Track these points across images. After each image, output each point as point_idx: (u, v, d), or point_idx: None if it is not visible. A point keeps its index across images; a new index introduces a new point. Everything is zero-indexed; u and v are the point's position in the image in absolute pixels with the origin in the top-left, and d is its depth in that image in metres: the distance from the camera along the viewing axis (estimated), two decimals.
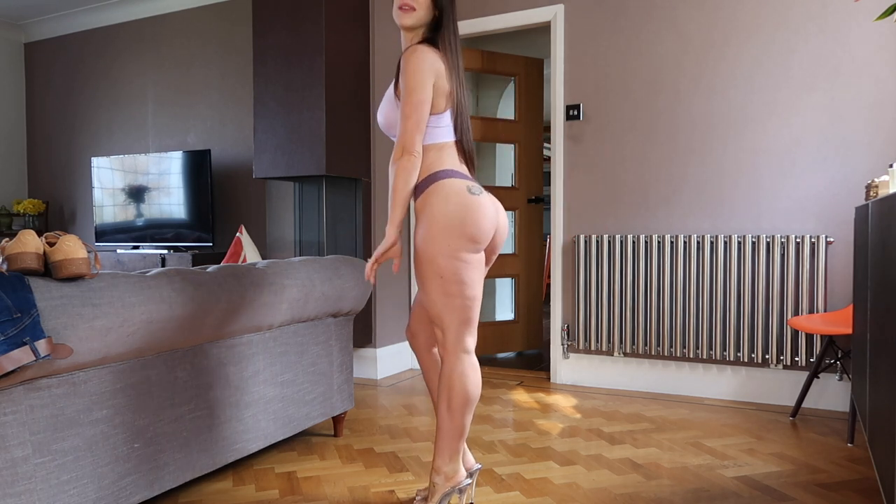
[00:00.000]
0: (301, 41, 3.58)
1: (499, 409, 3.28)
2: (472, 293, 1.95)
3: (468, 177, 1.99)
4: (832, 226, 3.19)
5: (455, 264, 1.90)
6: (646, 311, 3.53)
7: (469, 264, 1.92)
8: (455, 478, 2.00)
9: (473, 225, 1.89)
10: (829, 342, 2.93)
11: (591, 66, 3.70)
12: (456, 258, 1.89)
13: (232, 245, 3.32)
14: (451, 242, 1.89)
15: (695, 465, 2.49)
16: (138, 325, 1.78)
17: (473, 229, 1.89)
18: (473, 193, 1.91)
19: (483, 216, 1.91)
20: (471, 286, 1.94)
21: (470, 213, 1.89)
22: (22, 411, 1.59)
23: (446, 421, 1.97)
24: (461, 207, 1.89)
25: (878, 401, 1.84)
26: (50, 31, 5.53)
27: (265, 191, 4.34)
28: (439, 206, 1.90)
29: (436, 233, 1.89)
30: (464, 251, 1.90)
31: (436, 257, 1.90)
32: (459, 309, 1.94)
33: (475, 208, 1.90)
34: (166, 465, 2.00)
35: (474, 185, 1.95)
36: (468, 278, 1.92)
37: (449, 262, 1.89)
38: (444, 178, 1.93)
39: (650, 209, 3.57)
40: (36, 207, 5.36)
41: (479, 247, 1.93)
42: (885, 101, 3.07)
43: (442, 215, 1.89)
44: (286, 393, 2.48)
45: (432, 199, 1.91)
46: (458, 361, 1.96)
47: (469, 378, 1.96)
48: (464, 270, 1.91)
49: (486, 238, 1.93)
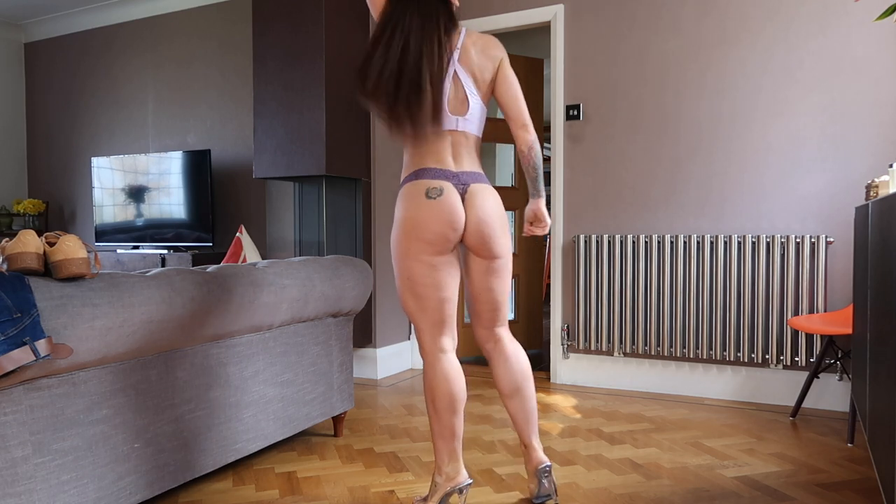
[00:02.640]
0: (301, 41, 3.58)
1: (499, 409, 3.28)
2: (441, 294, 2.00)
3: (442, 175, 1.96)
4: (832, 226, 3.19)
5: (419, 267, 1.96)
6: (646, 311, 3.53)
7: (434, 266, 1.97)
8: (456, 478, 2.01)
9: (425, 229, 1.93)
10: (829, 342, 2.93)
11: (591, 66, 3.70)
12: (419, 260, 1.96)
13: (232, 245, 3.32)
14: (411, 245, 1.95)
15: (695, 465, 2.49)
16: (138, 325, 1.78)
17: (426, 233, 1.93)
18: (430, 197, 1.94)
19: (433, 219, 1.92)
20: (440, 287, 1.99)
21: (422, 216, 1.93)
22: (22, 411, 1.59)
23: (435, 422, 2.01)
24: (415, 212, 1.94)
25: (878, 401, 1.84)
26: (50, 31, 5.53)
27: (265, 191, 4.34)
28: (398, 212, 1.98)
29: (398, 237, 1.98)
30: (424, 254, 1.95)
31: (401, 260, 1.98)
32: (432, 310, 2.00)
33: (426, 212, 1.93)
34: (166, 465, 2.00)
35: (435, 188, 1.94)
36: (435, 280, 1.97)
37: (413, 264, 1.96)
38: (407, 182, 1.99)
39: (650, 209, 3.57)
40: (36, 207, 5.36)
41: (440, 248, 1.95)
42: (885, 101, 3.07)
43: (400, 220, 1.97)
44: (286, 393, 2.48)
45: (397, 204, 2.01)
46: (437, 362, 2.00)
47: (450, 378, 1.99)
48: (428, 272, 1.97)
49: (442, 240, 1.94)
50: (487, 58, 2.03)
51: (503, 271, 2.06)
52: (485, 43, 2.04)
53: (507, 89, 2.04)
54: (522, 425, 2.11)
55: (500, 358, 2.11)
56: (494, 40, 2.07)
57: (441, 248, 1.96)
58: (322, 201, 3.83)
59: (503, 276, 2.07)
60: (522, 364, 2.11)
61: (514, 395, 2.09)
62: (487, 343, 2.13)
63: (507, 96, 2.04)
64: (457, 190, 1.97)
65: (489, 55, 2.03)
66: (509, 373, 2.09)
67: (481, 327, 2.12)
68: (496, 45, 2.06)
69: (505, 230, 2.05)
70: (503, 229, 2.03)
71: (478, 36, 2.05)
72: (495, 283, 2.06)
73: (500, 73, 2.04)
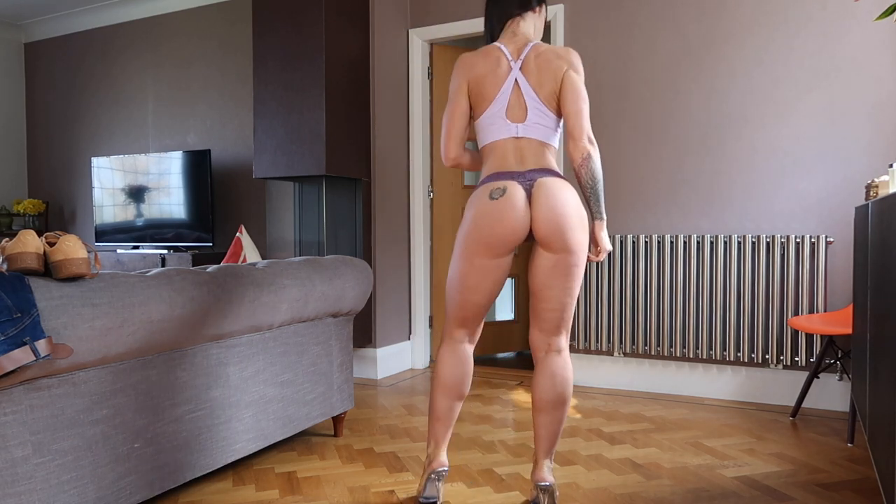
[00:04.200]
0: (301, 41, 3.58)
1: (499, 409, 3.28)
2: (479, 299, 2.05)
3: (506, 175, 1.98)
4: (832, 226, 3.19)
5: (471, 270, 2.01)
6: (646, 311, 3.54)
7: (484, 271, 2.00)
8: (431, 464, 2.10)
9: (487, 233, 1.96)
10: (829, 342, 2.93)
11: (590, 65, 3.70)
12: (471, 263, 2.00)
13: (232, 245, 3.32)
14: (468, 247, 2.00)
15: (695, 465, 2.49)
16: (138, 325, 1.78)
17: (486, 237, 1.96)
18: (493, 198, 1.96)
19: (495, 221, 1.95)
20: (482, 293, 2.04)
21: (484, 220, 1.96)
22: (22, 411, 1.59)
23: (430, 401, 2.13)
24: (477, 215, 1.98)
25: (878, 401, 1.84)
26: (50, 31, 5.53)
27: (265, 191, 4.34)
28: (465, 214, 2.05)
29: (460, 237, 2.05)
30: (478, 256, 1.99)
31: (457, 258, 2.04)
32: (465, 309, 2.07)
33: (488, 215, 1.96)
34: (166, 465, 2.00)
35: (498, 189, 1.96)
36: (481, 285, 2.02)
37: (466, 266, 2.01)
38: (478, 187, 2.04)
39: (650, 209, 3.57)
40: (36, 207, 5.36)
41: (498, 251, 1.97)
42: (885, 101, 3.07)
43: (464, 221, 2.03)
44: (286, 393, 2.48)
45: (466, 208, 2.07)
46: (445, 345, 2.13)
47: (444, 360, 2.11)
48: (477, 277, 2.01)
49: (501, 243, 1.96)
50: (549, 69, 2.01)
51: (571, 271, 1.98)
52: (549, 54, 2.02)
53: (565, 104, 2.01)
54: (540, 442, 2.09)
55: (545, 372, 2.04)
56: (560, 51, 2.04)
57: (498, 251, 1.97)
58: (322, 201, 3.83)
59: (570, 277, 1.98)
60: (564, 387, 2.03)
61: (543, 412, 2.05)
62: (539, 350, 2.07)
63: (565, 111, 2.01)
64: (523, 187, 1.96)
65: (552, 66, 2.01)
66: (547, 391, 2.03)
67: (538, 329, 2.05)
68: (560, 55, 2.02)
69: (582, 226, 1.97)
70: (579, 224, 1.96)
71: (547, 48, 2.04)
72: (559, 281, 1.98)
73: (563, 85, 2.01)
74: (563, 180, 1.99)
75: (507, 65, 2.02)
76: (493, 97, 2.02)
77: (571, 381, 2.05)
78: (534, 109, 2.00)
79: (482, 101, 2.04)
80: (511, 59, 2.03)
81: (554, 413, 2.04)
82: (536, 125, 2.01)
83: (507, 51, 2.04)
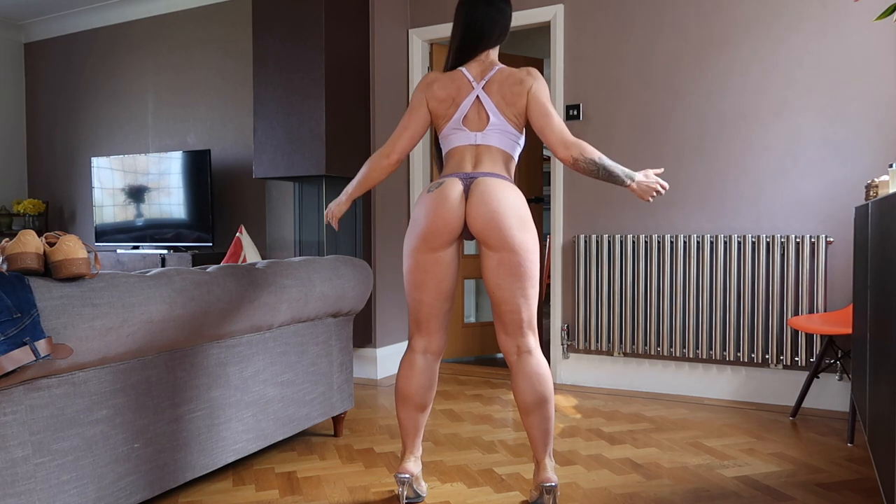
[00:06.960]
0: (301, 42, 3.58)
1: (499, 409, 3.28)
2: (421, 296, 2.07)
3: (454, 175, 2.04)
4: (832, 226, 3.19)
5: (412, 264, 2.05)
6: (646, 311, 3.53)
7: (422, 266, 2.03)
8: (398, 469, 2.11)
9: (421, 224, 2.01)
10: (829, 342, 2.93)
11: (591, 65, 3.70)
12: (413, 258, 2.05)
13: (232, 245, 3.32)
14: (409, 241, 2.05)
15: (695, 465, 2.49)
16: (138, 325, 1.78)
17: (420, 228, 2.01)
18: (429, 191, 2.03)
19: (430, 212, 1.99)
20: (416, 287, 2.06)
21: (419, 212, 2.02)
22: (22, 411, 1.59)
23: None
24: (416, 209, 2.05)
25: (878, 401, 1.84)
26: (50, 31, 5.53)
27: (265, 191, 4.34)
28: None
29: (407, 235, 2.07)
30: (419, 252, 2.02)
31: (404, 256, 2.09)
32: (414, 309, 2.10)
33: (422, 207, 2.02)
34: (166, 465, 2.00)
35: (436, 183, 2.04)
36: (420, 279, 2.04)
37: (409, 261, 2.06)
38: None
39: (650, 209, 3.57)
40: (36, 207, 5.36)
41: (433, 244, 1.99)
42: (885, 101, 3.07)
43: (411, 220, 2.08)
44: (286, 393, 2.48)
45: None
46: (404, 357, 2.14)
47: (401, 371, 2.13)
48: (417, 271, 2.05)
49: (434, 234, 1.98)
50: (513, 92, 2.07)
51: (518, 271, 1.96)
52: (512, 77, 2.09)
53: (535, 119, 2.06)
54: (535, 443, 2.08)
55: (522, 374, 2.02)
56: (521, 73, 2.08)
57: (434, 244, 2.00)
58: (322, 201, 3.83)
59: (518, 277, 1.96)
60: (544, 385, 2.02)
61: (530, 414, 2.04)
62: (510, 354, 2.05)
63: (538, 126, 2.06)
64: (463, 184, 2.01)
65: (515, 90, 2.07)
66: (529, 393, 2.02)
67: (503, 332, 2.05)
68: (521, 79, 2.08)
69: (522, 226, 1.96)
70: (518, 223, 1.95)
71: (510, 71, 2.10)
72: (507, 281, 1.96)
73: (529, 102, 2.07)
74: (507, 182, 2.02)
75: (469, 85, 2.10)
76: (452, 114, 2.10)
77: (550, 377, 2.04)
78: (494, 122, 2.07)
79: (442, 117, 2.13)
80: (474, 80, 2.10)
81: (540, 412, 2.03)
82: (495, 133, 2.08)
83: (471, 75, 2.12)
